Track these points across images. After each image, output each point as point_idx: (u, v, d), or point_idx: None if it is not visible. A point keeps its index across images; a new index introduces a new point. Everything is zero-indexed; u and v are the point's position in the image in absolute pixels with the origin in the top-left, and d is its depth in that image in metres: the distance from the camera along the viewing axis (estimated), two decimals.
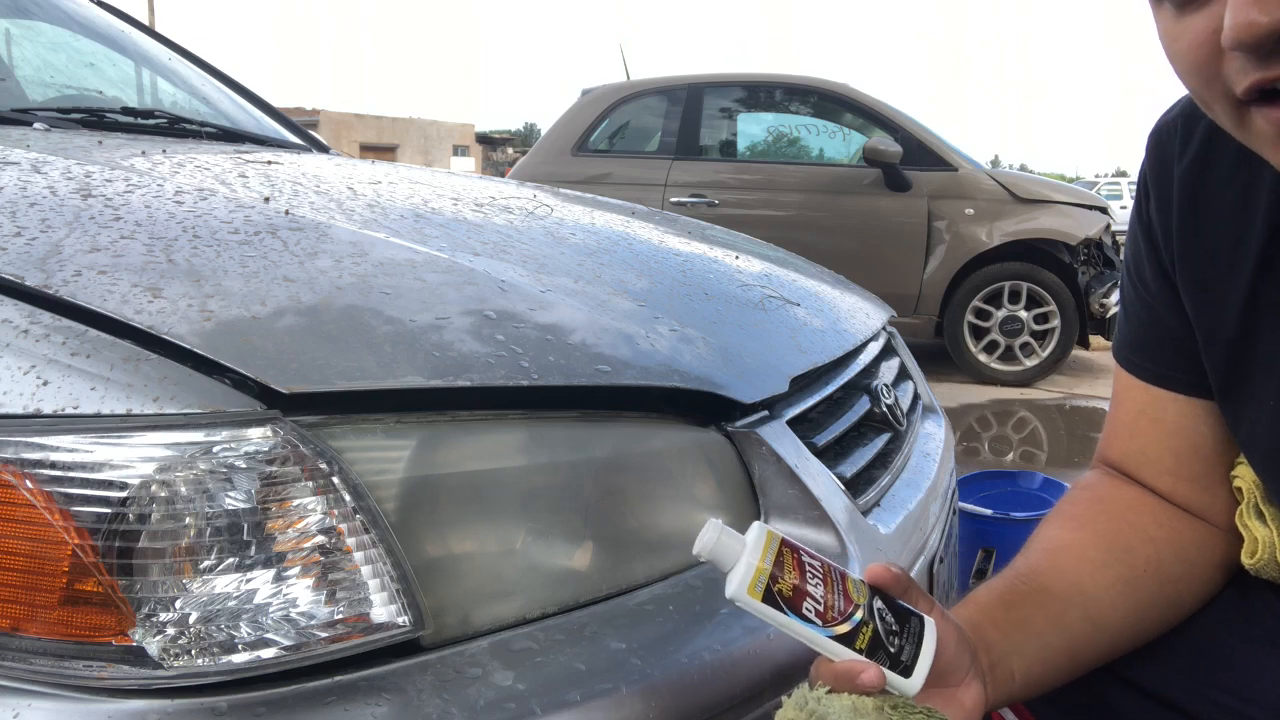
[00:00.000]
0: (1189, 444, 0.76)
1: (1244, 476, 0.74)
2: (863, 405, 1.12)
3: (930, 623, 0.63)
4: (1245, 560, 0.73)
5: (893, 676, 0.59)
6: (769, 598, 0.58)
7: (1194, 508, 0.77)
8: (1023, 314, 4.88)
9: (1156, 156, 0.74)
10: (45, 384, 0.58)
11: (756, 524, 0.62)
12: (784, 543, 0.61)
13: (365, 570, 0.61)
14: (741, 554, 0.59)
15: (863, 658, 0.58)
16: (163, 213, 0.84)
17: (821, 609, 0.59)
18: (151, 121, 1.62)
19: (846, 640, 0.59)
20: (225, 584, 0.58)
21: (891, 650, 0.59)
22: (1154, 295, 0.75)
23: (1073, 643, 0.72)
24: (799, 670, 0.72)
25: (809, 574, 0.60)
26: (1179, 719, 0.73)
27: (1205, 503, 0.77)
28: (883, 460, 1.08)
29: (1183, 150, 0.71)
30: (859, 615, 0.59)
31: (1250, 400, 0.68)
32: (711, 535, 0.60)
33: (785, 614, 0.58)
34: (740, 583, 0.58)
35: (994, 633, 0.68)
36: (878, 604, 0.61)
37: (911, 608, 0.64)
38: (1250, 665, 0.72)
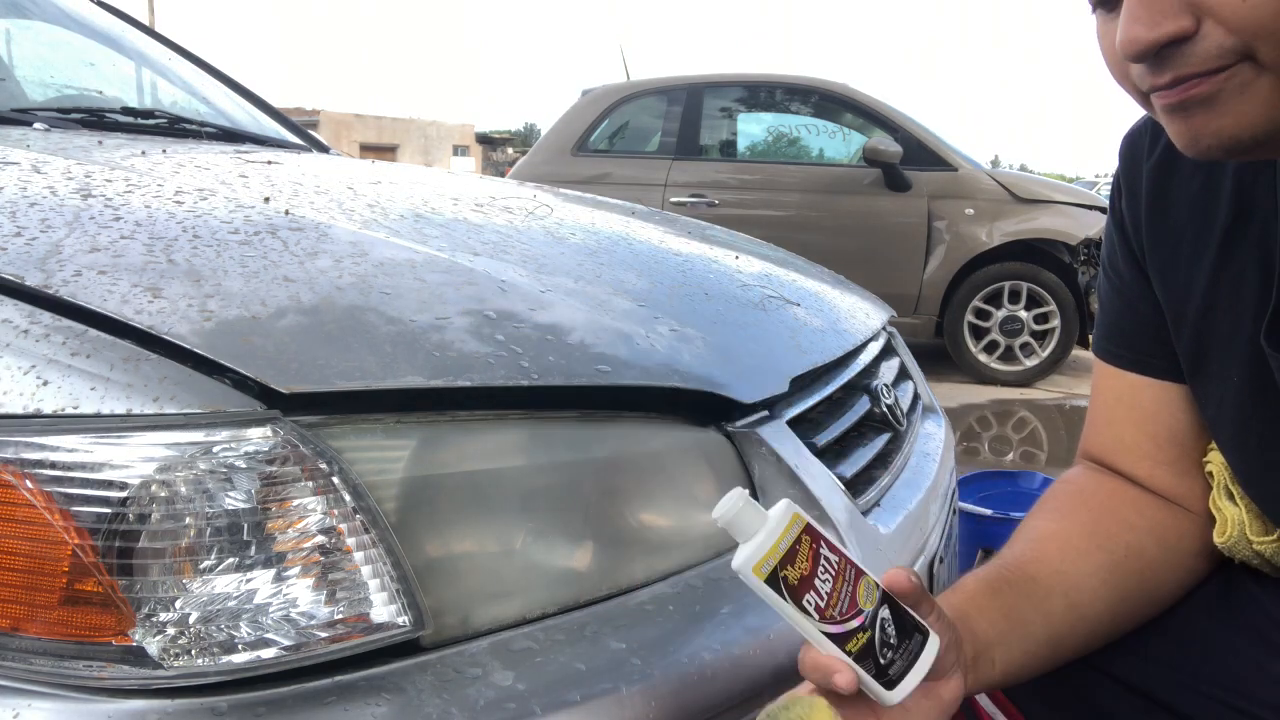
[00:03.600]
0: (1165, 429, 0.79)
1: (1214, 460, 0.76)
2: (863, 405, 1.12)
3: (934, 643, 0.62)
4: (1217, 539, 0.75)
5: (874, 685, 0.59)
6: (772, 580, 0.57)
7: (1172, 494, 0.79)
8: (1023, 314, 4.88)
9: (1128, 157, 0.79)
10: (45, 384, 0.58)
11: (785, 501, 0.60)
12: (807, 529, 0.59)
13: (365, 570, 0.61)
14: (760, 529, 0.58)
15: (849, 659, 0.58)
16: (163, 213, 0.85)
17: (823, 606, 0.58)
18: (151, 121, 1.62)
19: (838, 640, 0.58)
20: (225, 584, 0.58)
21: (881, 662, 0.59)
22: (1127, 284, 0.79)
23: (1054, 631, 0.73)
24: (799, 671, 0.72)
25: (821, 568, 0.59)
26: (1162, 712, 0.74)
27: (1183, 488, 0.79)
28: (883, 460, 1.08)
29: (1151, 150, 0.76)
30: (856, 623, 0.59)
31: (1215, 379, 0.71)
32: (734, 503, 0.58)
33: (784, 600, 0.57)
34: (748, 559, 0.57)
35: (981, 623, 0.69)
36: (884, 613, 0.60)
37: (920, 622, 0.62)
38: (1232, 657, 0.73)
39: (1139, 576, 0.76)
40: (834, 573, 0.59)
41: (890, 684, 0.59)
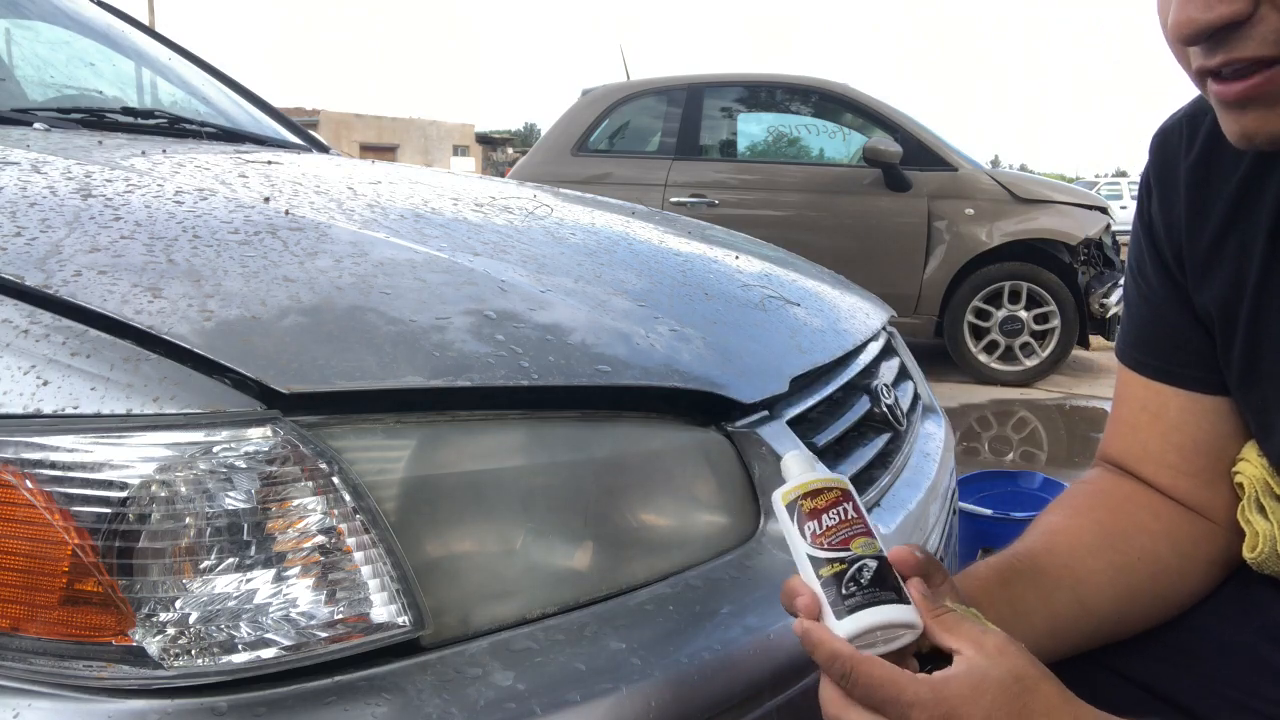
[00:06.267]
0: (1190, 439, 0.77)
1: (1245, 472, 0.74)
2: (863, 405, 1.12)
3: (909, 611, 0.62)
4: (1246, 554, 0.74)
5: (828, 609, 0.62)
6: (791, 507, 0.65)
7: (1193, 503, 0.78)
8: (1023, 314, 4.88)
9: (1161, 156, 0.76)
10: (45, 384, 0.58)
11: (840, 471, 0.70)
12: (845, 490, 0.67)
13: (365, 570, 0.61)
14: (802, 473, 0.68)
15: (817, 583, 0.63)
16: (163, 213, 0.85)
17: (818, 534, 0.64)
18: (151, 121, 1.62)
19: (815, 564, 0.63)
20: (225, 584, 0.58)
21: (842, 592, 0.62)
22: (1156, 291, 0.77)
23: (1056, 624, 0.72)
24: (799, 671, 0.72)
25: (834, 511, 0.66)
26: (1175, 713, 0.73)
27: (1205, 499, 0.77)
28: (883, 460, 1.08)
29: (1188, 148, 0.73)
30: (838, 555, 0.64)
31: (1269, 381, 0.69)
32: (798, 455, 0.70)
33: (790, 520, 0.65)
34: (782, 490, 0.67)
35: (989, 612, 0.69)
36: (869, 563, 0.63)
37: (906, 592, 0.64)
38: (1247, 659, 0.72)
39: (1151, 579, 0.75)
40: (842, 519, 0.65)
41: (840, 614, 0.61)
